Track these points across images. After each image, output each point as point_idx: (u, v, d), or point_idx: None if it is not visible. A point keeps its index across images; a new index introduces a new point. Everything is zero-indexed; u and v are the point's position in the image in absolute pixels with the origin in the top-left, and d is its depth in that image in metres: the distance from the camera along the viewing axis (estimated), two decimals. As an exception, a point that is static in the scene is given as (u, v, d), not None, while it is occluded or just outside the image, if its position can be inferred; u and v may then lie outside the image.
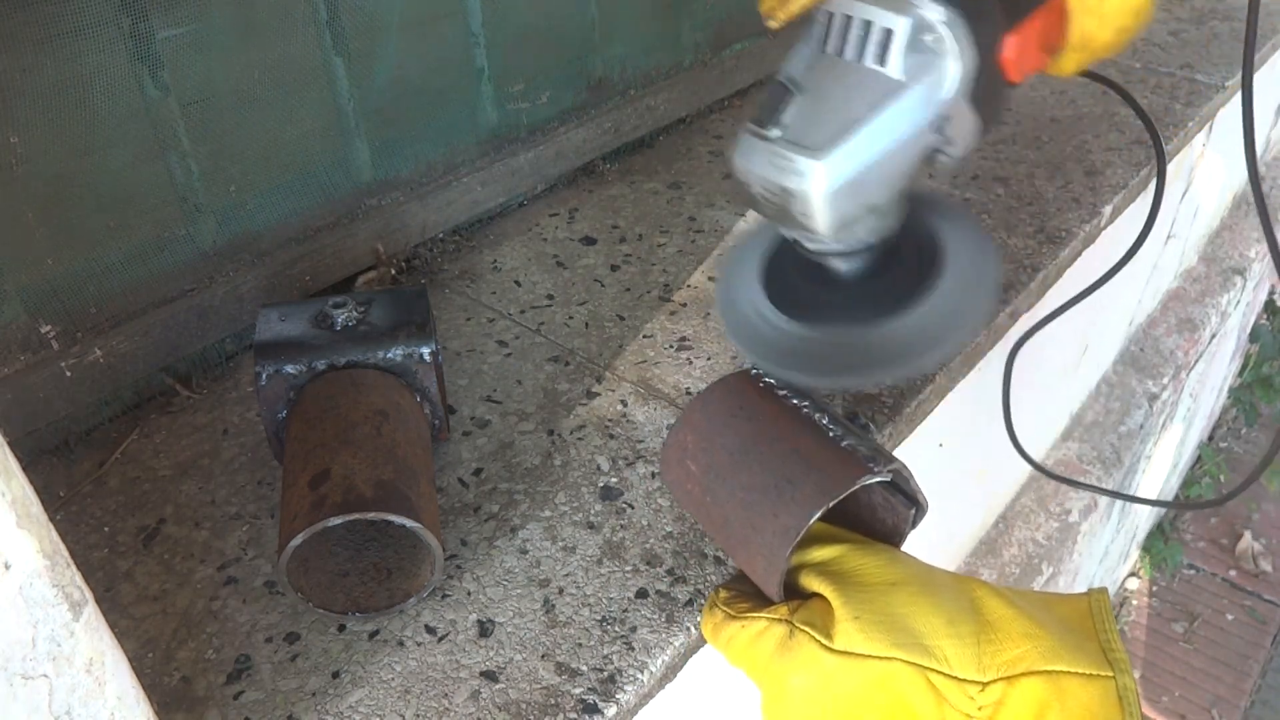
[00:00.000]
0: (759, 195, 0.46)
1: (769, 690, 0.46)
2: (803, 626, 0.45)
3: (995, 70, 0.44)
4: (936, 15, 0.41)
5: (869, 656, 0.43)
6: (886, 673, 0.43)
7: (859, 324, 0.49)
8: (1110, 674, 0.41)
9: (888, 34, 0.42)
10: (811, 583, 0.47)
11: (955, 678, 0.42)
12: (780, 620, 0.46)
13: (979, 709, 0.42)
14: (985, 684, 0.42)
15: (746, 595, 0.50)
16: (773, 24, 0.47)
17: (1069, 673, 0.41)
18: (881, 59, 0.42)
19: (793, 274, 0.52)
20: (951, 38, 0.42)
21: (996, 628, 0.43)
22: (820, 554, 0.49)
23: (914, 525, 0.52)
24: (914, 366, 0.47)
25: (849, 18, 0.43)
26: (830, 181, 0.42)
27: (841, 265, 0.49)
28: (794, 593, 0.49)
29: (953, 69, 0.42)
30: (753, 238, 0.57)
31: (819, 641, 0.44)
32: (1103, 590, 0.47)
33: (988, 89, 0.44)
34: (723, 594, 0.51)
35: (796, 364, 0.49)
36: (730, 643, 0.48)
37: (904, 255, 0.49)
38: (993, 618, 0.44)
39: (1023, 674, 0.41)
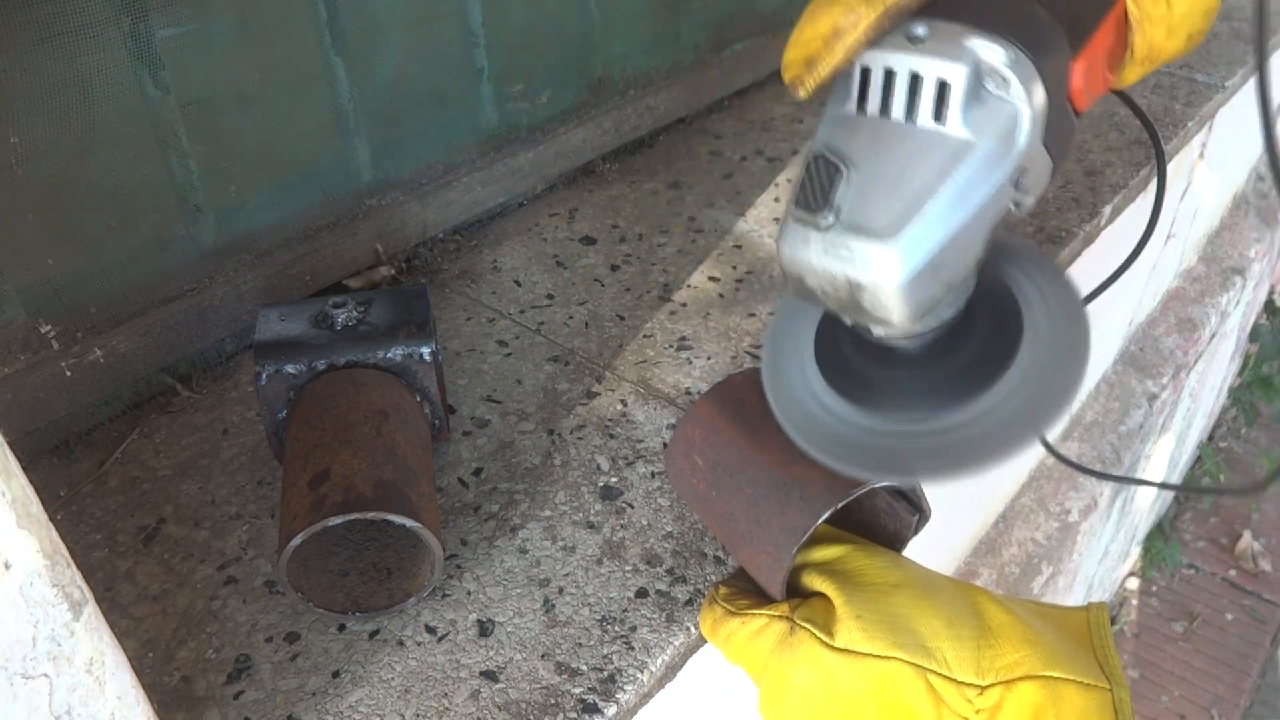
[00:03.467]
0: (817, 289, 0.39)
1: (767, 686, 0.47)
2: (804, 624, 0.45)
3: (1065, 103, 0.38)
4: (998, 57, 0.35)
5: (870, 655, 0.43)
6: (887, 672, 0.43)
7: (932, 409, 0.42)
8: (1107, 686, 0.42)
9: (943, 87, 0.35)
10: (813, 581, 0.47)
11: (954, 680, 0.42)
12: (781, 617, 0.46)
13: (976, 712, 0.42)
14: (984, 687, 0.42)
15: (746, 592, 0.50)
16: (801, 93, 0.39)
17: (1066, 680, 0.41)
18: (939, 116, 0.36)
19: (848, 346, 0.45)
20: (1018, 80, 0.35)
21: (996, 633, 0.43)
22: (823, 553, 0.49)
23: (916, 532, 0.52)
24: (1001, 455, 0.40)
25: (890, 71, 0.36)
26: (906, 268, 0.36)
27: (910, 345, 0.42)
28: (794, 591, 0.49)
29: (1026, 115, 0.36)
30: (799, 303, 0.48)
31: (820, 639, 0.44)
32: (1102, 605, 0.47)
33: (1059, 126, 0.37)
34: (722, 590, 0.51)
35: (863, 460, 0.43)
36: (730, 639, 0.48)
37: (975, 319, 0.42)
38: (993, 623, 0.44)
39: (1020, 678, 0.41)
